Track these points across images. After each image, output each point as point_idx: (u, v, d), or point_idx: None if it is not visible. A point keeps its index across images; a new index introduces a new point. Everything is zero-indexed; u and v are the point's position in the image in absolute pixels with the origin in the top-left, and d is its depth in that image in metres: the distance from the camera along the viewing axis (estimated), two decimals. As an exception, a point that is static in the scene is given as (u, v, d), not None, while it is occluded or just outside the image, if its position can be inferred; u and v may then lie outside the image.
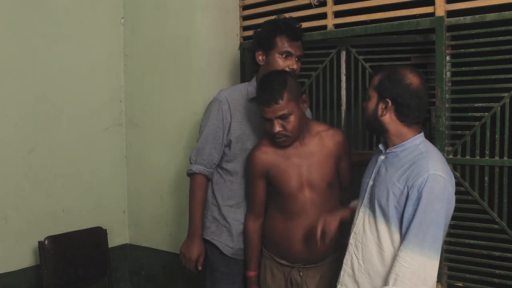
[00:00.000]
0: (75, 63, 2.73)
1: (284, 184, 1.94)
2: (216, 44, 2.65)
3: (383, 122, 1.65)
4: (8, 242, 2.44)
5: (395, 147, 1.67)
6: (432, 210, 1.52)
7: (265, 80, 1.90)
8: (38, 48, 2.55)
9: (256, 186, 2.01)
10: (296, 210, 1.93)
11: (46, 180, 2.60)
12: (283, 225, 1.96)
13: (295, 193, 1.93)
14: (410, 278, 1.51)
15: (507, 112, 1.99)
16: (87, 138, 2.80)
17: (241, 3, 2.75)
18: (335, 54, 2.47)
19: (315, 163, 1.94)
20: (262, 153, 1.97)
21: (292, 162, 1.93)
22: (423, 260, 1.51)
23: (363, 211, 1.73)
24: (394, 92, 1.61)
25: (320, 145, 1.95)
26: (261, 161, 1.96)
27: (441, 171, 1.56)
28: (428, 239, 1.51)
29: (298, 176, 1.93)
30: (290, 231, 1.94)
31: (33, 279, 2.53)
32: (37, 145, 2.56)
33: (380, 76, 1.66)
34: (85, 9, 2.76)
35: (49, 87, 2.60)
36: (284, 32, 2.02)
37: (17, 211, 2.48)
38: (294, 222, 1.93)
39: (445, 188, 1.54)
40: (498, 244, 2.03)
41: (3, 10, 2.40)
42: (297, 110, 1.86)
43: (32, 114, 2.53)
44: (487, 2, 2.01)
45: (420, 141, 1.65)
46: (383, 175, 1.66)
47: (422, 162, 1.57)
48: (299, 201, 1.93)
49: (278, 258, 2.01)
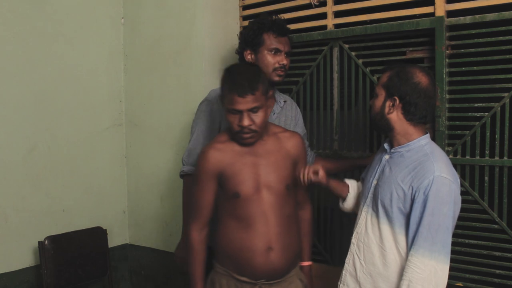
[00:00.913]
0: (75, 63, 2.73)
1: (240, 185, 1.73)
2: (216, 44, 2.65)
3: (389, 120, 1.64)
4: (8, 242, 2.44)
5: (400, 147, 1.65)
6: (440, 213, 1.51)
7: (239, 69, 1.77)
8: (38, 48, 2.55)
9: (205, 189, 1.77)
10: (254, 215, 1.72)
11: (46, 180, 2.60)
12: (241, 234, 1.73)
13: (252, 195, 1.73)
14: (423, 284, 1.50)
15: (507, 112, 1.99)
16: (87, 138, 2.80)
17: (241, 3, 2.75)
18: (328, 50, 2.46)
19: (272, 163, 1.77)
20: (216, 151, 1.76)
21: (248, 161, 1.75)
22: (434, 264, 1.50)
23: (366, 210, 1.72)
24: (402, 90, 1.60)
25: (277, 145, 1.80)
26: (214, 159, 1.75)
27: (447, 173, 1.54)
28: (438, 243, 1.51)
29: (255, 176, 1.74)
30: (250, 241, 1.71)
31: (33, 279, 2.53)
32: (37, 145, 2.56)
33: (389, 73, 1.65)
34: (85, 9, 2.76)
35: (49, 87, 2.60)
36: (270, 28, 2.02)
37: (17, 211, 2.48)
38: (254, 230, 1.72)
39: (451, 191, 1.53)
40: (498, 244, 2.03)
41: (3, 10, 2.40)
42: (266, 106, 1.73)
43: (32, 114, 2.53)
44: (487, 2, 2.01)
45: (426, 142, 1.64)
46: (387, 175, 1.65)
47: (428, 164, 1.56)
48: (257, 205, 1.73)
49: (237, 275, 1.74)
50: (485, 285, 2.07)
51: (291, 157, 1.81)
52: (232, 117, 1.70)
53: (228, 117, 1.72)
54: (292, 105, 2.25)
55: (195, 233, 1.80)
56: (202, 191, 1.78)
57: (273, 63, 2.03)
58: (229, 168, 1.74)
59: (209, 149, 1.78)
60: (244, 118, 1.68)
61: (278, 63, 2.02)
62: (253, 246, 1.71)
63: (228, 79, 1.73)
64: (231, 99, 1.68)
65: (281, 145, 1.81)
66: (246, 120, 1.68)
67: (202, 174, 1.77)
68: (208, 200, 1.79)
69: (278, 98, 2.17)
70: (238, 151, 1.76)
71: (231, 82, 1.70)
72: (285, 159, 1.79)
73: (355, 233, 1.75)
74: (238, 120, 1.69)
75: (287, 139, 1.83)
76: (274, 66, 2.03)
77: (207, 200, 1.79)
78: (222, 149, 1.76)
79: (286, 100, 2.21)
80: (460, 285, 2.12)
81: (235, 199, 1.73)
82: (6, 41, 2.42)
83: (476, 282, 2.09)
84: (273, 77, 2.04)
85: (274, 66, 2.03)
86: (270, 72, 2.03)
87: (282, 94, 2.24)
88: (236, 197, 1.73)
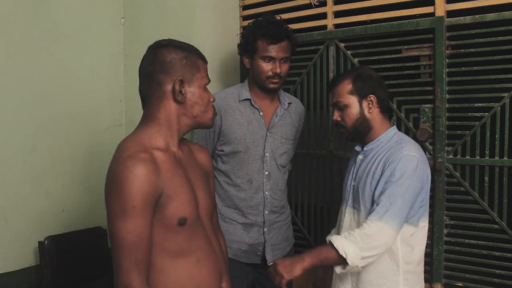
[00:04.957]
0: (75, 63, 2.72)
1: (186, 207, 1.36)
2: (216, 44, 2.64)
3: (370, 121, 1.69)
4: (8, 242, 2.44)
5: (371, 143, 1.71)
6: (402, 184, 1.55)
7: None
8: (38, 48, 2.54)
9: (143, 223, 1.27)
10: (202, 245, 1.41)
11: (46, 180, 2.60)
12: (194, 273, 1.38)
13: (195, 220, 1.40)
14: (362, 237, 1.52)
15: (507, 112, 1.99)
16: (87, 138, 2.80)
17: (241, 3, 2.75)
18: (324, 50, 2.46)
19: (199, 176, 1.47)
20: (150, 164, 1.29)
21: (182, 173, 1.39)
22: (382, 225, 1.52)
23: (349, 211, 1.74)
24: (372, 87, 1.68)
25: (193, 158, 1.51)
26: (154, 175, 1.29)
27: (415, 152, 1.61)
28: (393, 209, 1.53)
29: (193, 194, 1.41)
30: (206, 278, 1.41)
31: (33, 279, 2.53)
32: (37, 145, 2.55)
33: (350, 79, 1.69)
34: (85, 9, 2.76)
35: (49, 87, 2.60)
36: (264, 34, 1.97)
37: (17, 211, 2.47)
38: (206, 265, 1.41)
39: (417, 167, 1.58)
40: (498, 244, 2.04)
41: (3, 10, 2.40)
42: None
43: (32, 114, 2.53)
44: (487, 2, 2.01)
45: (394, 132, 1.71)
46: (363, 170, 1.69)
47: (398, 147, 1.63)
48: (203, 233, 1.44)
49: None
50: (485, 285, 2.07)
51: (205, 171, 1.55)
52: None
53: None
54: (298, 108, 2.21)
55: (138, 284, 1.26)
56: (138, 227, 1.27)
57: (266, 71, 1.99)
58: (169, 185, 1.33)
59: (140, 164, 1.28)
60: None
61: (272, 72, 1.99)
62: (211, 284, 1.43)
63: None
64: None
65: (195, 157, 1.53)
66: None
67: (140, 200, 1.26)
68: (147, 237, 1.29)
69: (282, 99, 2.13)
70: (165, 160, 1.36)
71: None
72: (204, 173, 1.53)
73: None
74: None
75: (198, 152, 1.57)
76: (267, 74, 1.99)
77: (146, 238, 1.29)
78: (153, 160, 1.32)
79: (292, 102, 2.17)
80: (460, 285, 2.12)
81: (177, 229, 1.35)
82: (6, 41, 2.41)
83: (476, 282, 2.09)
84: (268, 84, 2.02)
85: (267, 74, 1.99)
86: (264, 80, 2.01)
87: (288, 95, 2.20)
88: (181, 224, 1.35)
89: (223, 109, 2.04)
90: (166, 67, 1.39)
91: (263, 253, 2.10)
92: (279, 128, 2.10)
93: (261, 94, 2.08)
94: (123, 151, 1.33)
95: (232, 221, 2.08)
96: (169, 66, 1.39)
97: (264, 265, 2.09)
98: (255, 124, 2.06)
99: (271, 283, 2.12)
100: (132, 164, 1.27)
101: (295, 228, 2.46)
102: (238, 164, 2.05)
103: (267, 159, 2.06)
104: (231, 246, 2.06)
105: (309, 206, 2.61)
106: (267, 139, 2.07)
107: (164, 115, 1.40)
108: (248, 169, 2.06)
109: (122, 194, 1.26)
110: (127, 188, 1.25)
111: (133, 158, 1.29)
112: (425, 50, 2.16)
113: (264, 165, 2.06)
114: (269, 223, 2.10)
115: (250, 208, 2.07)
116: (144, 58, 1.46)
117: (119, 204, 1.26)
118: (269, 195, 2.08)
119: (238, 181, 2.06)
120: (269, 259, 2.09)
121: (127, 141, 1.39)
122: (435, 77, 2.12)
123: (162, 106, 1.40)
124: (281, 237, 2.14)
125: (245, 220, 2.08)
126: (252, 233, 2.09)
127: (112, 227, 1.28)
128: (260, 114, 2.07)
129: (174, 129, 1.41)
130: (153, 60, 1.41)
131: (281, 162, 2.11)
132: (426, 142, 2.15)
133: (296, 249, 2.31)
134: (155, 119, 1.41)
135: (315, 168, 2.56)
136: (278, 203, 2.13)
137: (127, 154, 1.31)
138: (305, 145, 2.56)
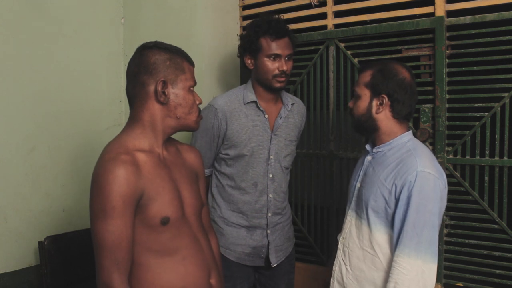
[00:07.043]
0: (75, 63, 2.72)
1: (168, 207, 1.38)
2: (216, 44, 2.64)
3: (376, 120, 1.60)
4: (8, 242, 2.44)
5: (383, 145, 1.61)
6: (424, 210, 1.46)
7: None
8: (38, 48, 2.54)
9: (123, 223, 1.30)
10: (188, 243, 1.42)
11: (46, 180, 2.60)
12: (179, 270, 1.40)
13: (179, 219, 1.41)
14: (410, 285, 1.45)
15: (507, 112, 1.99)
16: (87, 138, 2.80)
17: (241, 3, 2.75)
18: (324, 49, 2.46)
19: (185, 176, 1.49)
20: (130, 165, 1.31)
21: (165, 174, 1.41)
22: (420, 264, 1.45)
23: (351, 215, 1.69)
24: (390, 87, 1.56)
25: (180, 158, 1.53)
26: (133, 177, 1.31)
27: (430, 168, 1.50)
28: (424, 242, 1.46)
29: (177, 193, 1.43)
30: (192, 275, 1.41)
31: (33, 279, 2.53)
32: (37, 145, 2.55)
33: (372, 71, 1.60)
34: (85, 9, 2.76)
35: (49, 87, 2.60)
36: (267, 32, 1.95)
37: (17, 211, 2.47)
38: (193, 262, 1.42)
39: (435, 186, 1.48)
40: (498, 244, 2.04)
41: (3, 10, 2.40)
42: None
43: (32, 114, 2.53)
44: (487, 2, 2.01)
45: (408, 138, 1.60)
46: (371, 176, 1.61)
47: (410, 159, 1.52)
48: (189, 231, 1.45)
49: None
50: (485, 285, 2.07)
51: (193, 171, 1.57)
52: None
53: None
54: (300, 108, 2.20)
55: (121, 286, 1.32)
56: (120, 229, 1.29)
57: (272, 70, 1.96)
58: (150, 186, 1.35)
59: (120, 166, 1.30)
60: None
61: (278, 69, 1.96)
62: (197, 282, 1.43)
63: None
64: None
65: (182, 158, 1.54)
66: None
67: (119, 202, 1.29)
68: (129, 239, 1.32)
69: (285, 100, 2.11)
70: (147, 161, 1.38)
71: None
72: (192, 173, 1.55)
73: (341, 239, 1.71)
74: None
75: (186, 152, 1.58)
76: (274, 72, 1.97)
77: (128, 240, 1.32)
78: (135, 162, 1.34)
79: (294, 102, 2.15)
80: (460, 285, 2.12)
81: (162, 226, 1.37)
82: (6, 41, 2.41)
83: (476, 282, 2.09)
84: (274, 83, 1.99)
85: (274, 72, 1.97)
86: (270, 79, 1.98)
87: (290, 96, 2.18)
88: (164, 223, 1.37)
89: (228, 113, 2.01)
90: (149, 68, 1.40)
91: (266, 255, 2.09)
92: (283, 130, 2.08)
93: (266, 95, 2.05)
94: (106, 154, 1.36)
95: (236, 225, 2.07)
96: (152, 67, 1.40)
97: (268, 266, 2.10)
98: (260, 127, 2.04)
99: (272, 283, 2.12)
100: (112, 166, 1.30)
101: (295, 228, 2.45)
102: (243, 168, 2.03)
103: (272, 161, 2.05)
104: (235, 249, 2.06)
105: (309, 206, 2.61)
106: (272, 141, 2.05)
107: (148, 116, 1.42)
108: (253, 172, 2.04)
109: (102, 196, 1.29)
110: (107, 190, 1.29)
111: (113, 160, 1.31)
112: (425, 50, 2.16)
113: (269, 168, 2.05)
114: (272, 224, 2.09)
115: (255, 211, 2.06)
116: (131, 60, 1.48)
117: (99, 205, 1.30)
118: (272, 198, 2.07)
119: (243, 185, 2.04)
120: (273, 261, 2.08)
121: (111, 143, 1.41)
122: (435, 77, 2.12)
123: (146, 107, 1.41)
124: (283, 237, 2.14)
125: (249, 223, 2.07)
126: (256, 235, 2.07)
127: (93, 228, 1.33)
128: (265, 117, 2.05)
129: (158, 130, 1.43)
130: (139, 61, 1.44)
131: (285, 164, 2.10)
132: (426, 142, 2.15)
133: (296, 249, 2.31)
134: (139, 120, 1.43)
135: (315, 168, 2.56)
136: (281, 205, 2.12)
137: (108, 156, 1.34)
138: (305, 145, 2.57)
